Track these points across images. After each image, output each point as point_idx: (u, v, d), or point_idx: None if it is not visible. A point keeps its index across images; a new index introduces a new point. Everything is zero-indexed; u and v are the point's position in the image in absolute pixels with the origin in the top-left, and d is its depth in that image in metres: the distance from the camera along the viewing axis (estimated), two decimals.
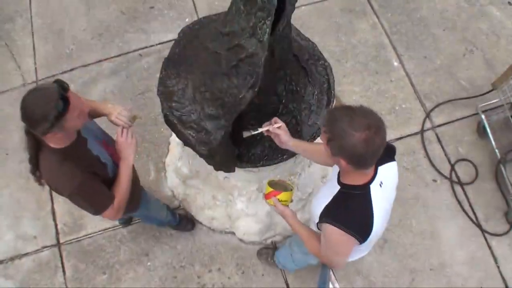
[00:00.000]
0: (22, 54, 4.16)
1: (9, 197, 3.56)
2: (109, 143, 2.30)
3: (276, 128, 2.10)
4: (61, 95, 1.77)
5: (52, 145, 1.94)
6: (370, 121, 1.57)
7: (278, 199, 2.04)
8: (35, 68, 4.08)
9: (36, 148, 1.98)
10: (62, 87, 1.81)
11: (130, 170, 2.19)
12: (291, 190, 2.08)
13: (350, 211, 1.79)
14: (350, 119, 1.57)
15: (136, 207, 2.58)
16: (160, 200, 3.11)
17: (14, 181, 3.61)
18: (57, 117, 1.76)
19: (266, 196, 2.08)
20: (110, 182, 2.17)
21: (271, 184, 2.09)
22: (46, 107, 1.74)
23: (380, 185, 1.80)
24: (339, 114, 1.62)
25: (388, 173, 1.85)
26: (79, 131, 2.06)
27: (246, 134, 2.15)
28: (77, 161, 1.97)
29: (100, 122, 2.35)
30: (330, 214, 1.80)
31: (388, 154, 1.85)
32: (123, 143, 2.15)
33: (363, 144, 1.55)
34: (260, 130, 2.12)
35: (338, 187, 1.83)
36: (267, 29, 1.84)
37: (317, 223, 1.89)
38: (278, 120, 2.13)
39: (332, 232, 1.77)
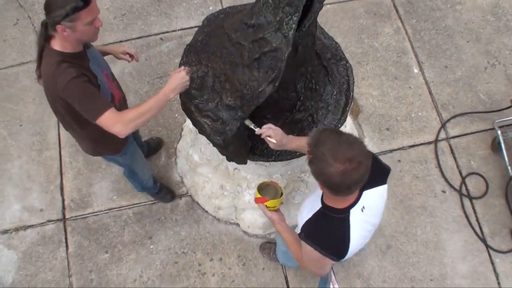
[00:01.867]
0: None
1: (19, 168, 3.60)
2: (110, 78, 2.40)
3: (267, 137, 2.04)
4: None
5: (56, 47, 2.06)
6: (354, 154, 1.51)
7: (266, 206, 2.03)
8: None
9: (43, 43, 2.08)
10: None
11: (161, 98, 2.09)
12: (281, 195, 2.04)
13: (327, 234, 1.78)
14: (334, 146, 1.53)
15: (120, 148, 2.59)
16: (148, 163, 3.15)
17: (25, 153, 3.65)
18: (74, 9, 1.91)
19: (256, 200, 2.06)
20: None
21: (261, 187, 2.07)
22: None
23: (362, 209, 1.77)
24: (326, 138, 1.56)
25: (374, 197, 1.81)
26: (85, 50, 2.20)
27: (247, 122, 2.13)
28: (74, 65, 2.05)
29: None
30: (309, 233, 1.81)
31: (380, 176, 1.84)
32: (179, 74, 2.13)
33: (339, 176, 1.51)
34: (256, 130, 2.10)
35: (320, 205, 1.82)
36: (293, 25, 1.84)
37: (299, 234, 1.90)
38: (269, 132, 2.04)
39: (310, 250, 1.79)
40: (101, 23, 2.08)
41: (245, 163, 2.34)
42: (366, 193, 1.77)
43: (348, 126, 3.41)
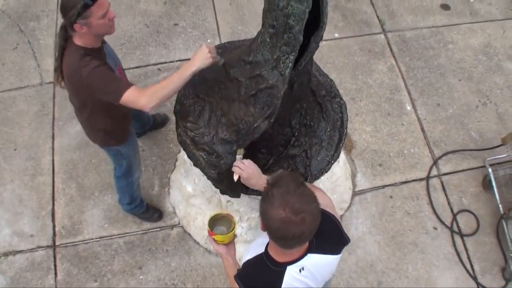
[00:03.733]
0: (43, 53, 4.24)
1: (11, 192, 3.58)
2: (122, 72, 2.63)
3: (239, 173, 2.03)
4: None
5: (77, 42, 2.24)
6: (302, 209, 1.47)
7: (214, 239, 1.98)
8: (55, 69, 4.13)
9: (63, 44, 2.28)
10: None
11: (183, 73, 2.13)
12: (232, 230, 1.97)
13: (258, 282, 1.73)
14: (287, 193, 1.48)
15: (126, 137, 2.78)
16: (141, 162, 3.21)
17: (18, 177, 3.63)
18: (84, 6, 2.09)
19: (208, 231, 2.01)
20: None
21: (217, 217, 2.00)
22: None
23: (300, 270, 1.69)
24: (284, 182, 1.52)
25: (319, 264, 1.73)
26: (103, 46, 2.40)
27: (238, 151, 2.14)
28: (95, 58, 2.23)
29: None
30: (243, 275, 1.78)
31: (335, 245, 1.80)
32: (203, 51, 2.12)
33: (278, 222, 1.47)
34: (236, 162, 2.10)
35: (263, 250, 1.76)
36: (290, 64, 1.88)
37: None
38: (238, 165, 2.06)
39: None
40: (114, 15, 2.26)
41: (239, 196, 2.35)
42: (312, 256, 1.70)
43: (341, 161, 3.44)
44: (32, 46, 4.28)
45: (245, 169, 2.02)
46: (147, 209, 3.42)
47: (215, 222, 2.00)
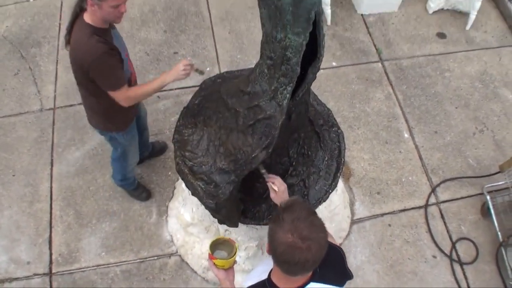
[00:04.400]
0: (44, 79, 4.28)
1: (8, 218, 3.57)
2: (129, 57, 2.71)
3: (273, 189, 2.08)
4: None
5: (88, 20, 2.34)
6: (310, 236, 1.49)
7: (214, 263, 1.96)
8: (55, 95, 4.18)
9: (75, 16, 2.39)
10: None
11: (160, 85, 2.51)
12: (233, 255, 1.96)
13: None
14: (298, 219, 1.51)
15: (127, 125, 2.92)
16: (138, 152, 3.31)
17: (16, 204, 3.62)
18: None
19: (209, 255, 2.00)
20: None
21: (219, 241, 2.00)
22: None
23: None
24: (297, 208, 1.56)
25: None
26: (110, 29, 2.47)
27: (260, 167, 2.14)
28: (102, 39, 2.34)
29: None
30: None
31: (338, 276, 1.80)
32: (178, 67, 2.48)
33: (284, 246, 1.49)
34: (266, 177, 2.12)
35: (266, 277, 1.76)
36: (288, 95, 1.90)
37: None
38: (277, 184, 2.08)
39: None
40: (126, 9, 2.36)
41: (237, 226, 2.35)
42: (315, 285, 1.70)
43: (339, 189, 3.44)
44: (33, 72, 4.33)
45: (281, 185, 2.07)
46: (137, 187, 3.57)
47: (216, 246, 1.99)
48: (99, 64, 2.33)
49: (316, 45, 1.89)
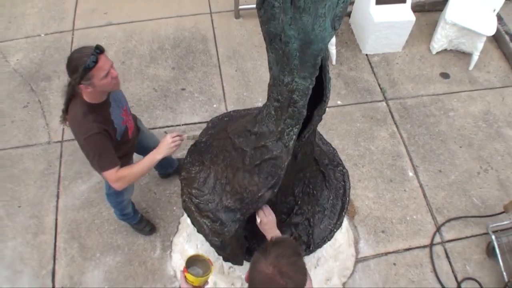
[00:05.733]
0: (52, 113, 4.34)
1: (13, 249, 3.57)
2: (128, 111, 2.72)
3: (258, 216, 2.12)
4: (92, 53, 2.19)
5: (84, 97, 2.36)
6: (289, 274, 1.54)
7: (185, 277, 1.95)
8: (63, 129, 4.23)
9: (70, 95, 2.38)
10: (97, 48, 2.23)
11: (151, 164, 2.47)
12: (206, 275, 1.95)
13: None
14: (282, 255, 1.56)
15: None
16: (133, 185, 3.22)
17: (21, 235, 3.63)
18: (85, 70, 2.18)
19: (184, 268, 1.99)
20: (116, 143, 2.54)
21: (194, 258, 1.99)
22: (79, 61, 2.19)
23: None
24: (285, 245, 1.62)
25: None
26: (109, 95, 2.48)
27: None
28: (97, 118, 2.36)
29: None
30: None
31: None
32: (166, 141, 2.43)
33: (262, 275, 1.54)
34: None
35: None
36: (294, 136, 1.94)
37: None
38: (263, 213, 2.12)
39: None
40: (117, 73, 2.35)
41: (241, 264, 2.35)
42: None
43: (344, 228, 3.44)
44: (42, 105, 4.40)
45: (267, 215, 2.12)
46: (140, 221, 3.56)
47: (194, 262, 2.00)
48: (91, 143, 2.35)
49: (322, 88, 1.95)
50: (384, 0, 4.63)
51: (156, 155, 2.44)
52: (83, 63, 2.18)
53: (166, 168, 3.78)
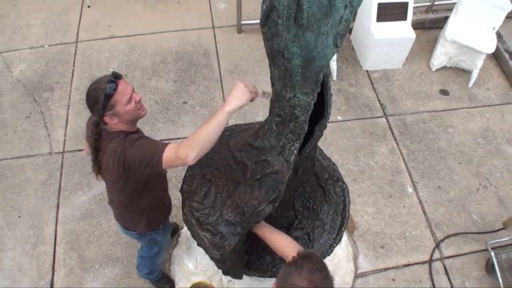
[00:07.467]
0: (54, 123, 4.37)
1: (12, 259, 3.57)
2: None
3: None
4: (110, 80, 2.06)
5: (118, 129, 2.18)
6: (321, 286, 1.59)
7: None
8: (64, 140, 4.25)
9: (97, 139, 2.18)
10: (114, 75, 2.10)
11: (221, 119, 1.92)
12: None
13: None
14: (315, 269, 1.62)
15: (168, 213, 2.77)
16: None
17: (20, 245, 3.63)
18: (106, 98, 2.05)
19: None
20: (160, 177, 2.44)
21: (198, 286, 2.02)
22: (98, 91, 2.06)
23: None
24: (315, 260, 1.68)
25: None
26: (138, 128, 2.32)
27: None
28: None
29: None
30: None
31: None
32: (239, 87, 1.94)
33: None
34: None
35: None
36: (295, 151, 1.97)
37: None
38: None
39: None
40: (140, 96, 2.21)
41: (241, 278, 2.36)
42: None
43: (343, 243, 3.44)
44: (44, 116, 4.43)
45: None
46: (161, 278, 3.39)
47: None
48: (138, 145, 2.12)
49: (324, 104, 1.97)
50: (384, 17, 4.68)
51: (226, 106, 1.91)
52: (102, 91, 2.04)
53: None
